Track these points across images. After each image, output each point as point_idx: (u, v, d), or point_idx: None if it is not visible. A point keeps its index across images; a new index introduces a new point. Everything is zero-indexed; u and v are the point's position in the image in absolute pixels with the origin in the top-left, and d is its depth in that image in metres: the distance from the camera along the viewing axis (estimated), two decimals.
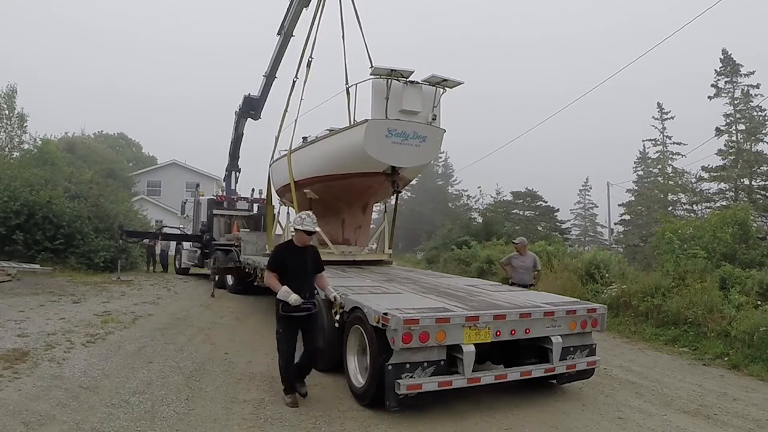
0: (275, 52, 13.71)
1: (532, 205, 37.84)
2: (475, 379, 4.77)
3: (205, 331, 8.28)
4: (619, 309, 9.99)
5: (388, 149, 7.74)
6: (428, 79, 7.92)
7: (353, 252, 9.89)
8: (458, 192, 48.24)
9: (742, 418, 5.10)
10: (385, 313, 4.57)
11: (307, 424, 4.50)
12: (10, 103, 26.22)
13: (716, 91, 28.94)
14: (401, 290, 6.46)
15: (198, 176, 34.84)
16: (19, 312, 8.77)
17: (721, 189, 28.23)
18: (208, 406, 4.81)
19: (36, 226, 15.58)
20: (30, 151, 25.43)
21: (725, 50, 28.87)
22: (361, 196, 9.55)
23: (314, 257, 5.24)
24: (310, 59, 10.31)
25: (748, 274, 9.53)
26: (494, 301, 5.74)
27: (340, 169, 8.66)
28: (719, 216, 13.89)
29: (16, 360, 5.85)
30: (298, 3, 11.82)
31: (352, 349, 5.37)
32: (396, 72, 7.53)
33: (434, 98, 8.06)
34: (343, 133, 8.54)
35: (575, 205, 51.57)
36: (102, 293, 11.86)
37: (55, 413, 4.41)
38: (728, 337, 7.67)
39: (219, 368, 6.11)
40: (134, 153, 49.67)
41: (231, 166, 18.23)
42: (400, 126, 7.70)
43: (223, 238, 15.52)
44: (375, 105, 7.67)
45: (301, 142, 10.11)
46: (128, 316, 9.05)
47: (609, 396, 5.70)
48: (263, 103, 15.54)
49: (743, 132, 27.97)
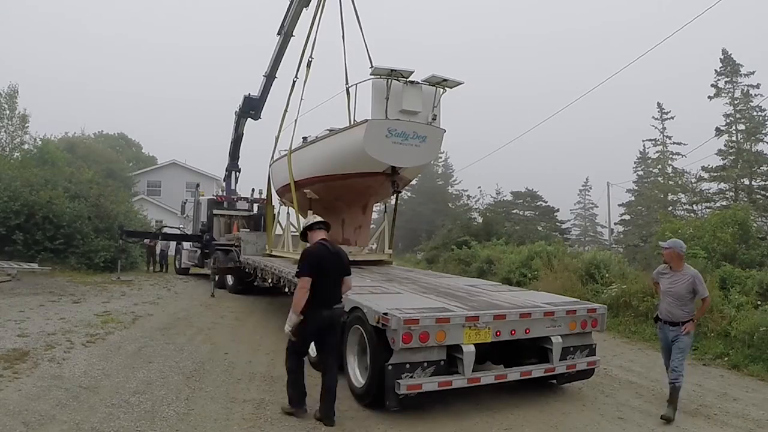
0: (275, 52, 13.73)
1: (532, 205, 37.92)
2: (475, 379, 4.77)
3: (205, 331, 8.29)
4: (619, 309, 9.98)
5: (388, 149, 7.74)
6: (428, 79, 7.92)
7: (353, 252, 9.87)
8: (458, 192, 48.25)
9: (742, 418, 5.10)
10: (385, 313, 4.57)
11: (307, 424, 4.49)
12: (11, 103, 26.27)
13: (716, 91, 28.94)
14: (401, 290, 6.46)
15: (198, 176, 34.80)
16: (19, 312, 8.77)
17: (721, 189, 28.23)
18: (208, 406, 4.81)
19: (36, 226, 15.60)
20: (30, 151, 25.46)
21: (725, 50, 28.90)
22: (361, 196, 9.55)
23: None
24: (310, 59, 10.33)
25: (748, 274, 9.53)
26: (494, 301, 5.73)
27: (340, 169, 8.66)
28: (719, 216, 13.89)
29: (16, 360, 5.86)
30: (298, 3, 11.83)
31: (352, 349, 5.37)
32: (396, 72, 7.53)
33: (434, 98, 8.06)
34: (343, 133, 8.54)
35: (575, 205, 51.74)
36: (102, 293, 11.87)
37: (55, 413, 4.41)
38: (728, 337, 7.67)
39: (219, 368, 6.11)
40: (134, 153, 49.63)
41: (231, 166, 18.23)
42: (400, 126, 7.70)
43: (223, 238, 15.53)
44: (375, 105, 7.67)
45: (301, 142, 10.12)
46: (128, 316, 9.06)
47: (609, 396, 5.70)
48: (263, 104, 15.55)
49: (743, 132, 27.97)
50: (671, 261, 5.19)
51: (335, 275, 4.64)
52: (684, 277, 5.06)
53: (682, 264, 5.18)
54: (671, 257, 5.18)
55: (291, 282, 7.91)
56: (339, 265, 4.69)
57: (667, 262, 5.25)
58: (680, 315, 5.05)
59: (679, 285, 5.06)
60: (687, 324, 5.03)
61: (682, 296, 5.04)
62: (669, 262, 5.21)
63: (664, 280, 5.22)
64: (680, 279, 5.07)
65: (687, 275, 5.07)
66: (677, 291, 5.06)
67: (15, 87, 26.47)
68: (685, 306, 5.06)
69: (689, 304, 5.08)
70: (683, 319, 5.04)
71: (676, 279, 5.11)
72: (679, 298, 5.05)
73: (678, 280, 5.09)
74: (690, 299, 5.07)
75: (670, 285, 5.13)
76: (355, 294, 5.58)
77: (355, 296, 5.44)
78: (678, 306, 5.06)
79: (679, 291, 5.05)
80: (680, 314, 5.05)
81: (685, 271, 5.11)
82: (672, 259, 5.18)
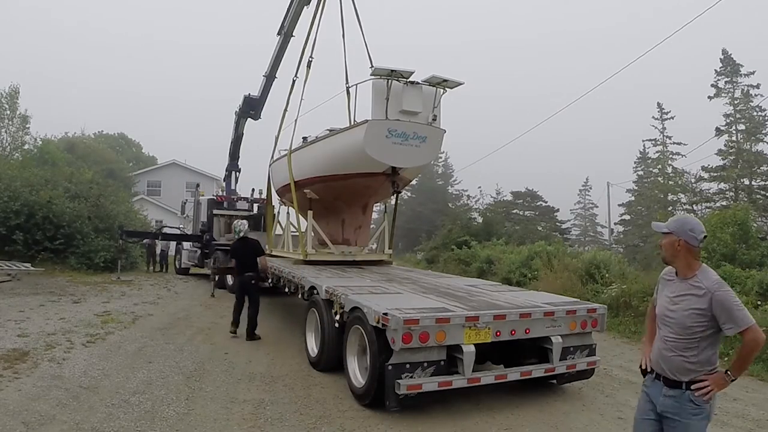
0: (275, 52, 13.72)
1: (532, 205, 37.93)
2: (475, 379, 4.76)
3: (205, 331, 8.29)
4: (619, 309, 9.98)
5: (389, 149, 7.74)
6: (428, 79, 7.92)
7: (353, 252, 9.90)
8: (458, 192, 48.27)
9: (742, 418, 5.10)
10: (385, 313, 4.57)
11: (308, 424, 4.49)
12: (12, 103, 26.27)
13: (716, 91, 28.98)
14: (401, 290, 6.45)
15: (198, 176, 34.81)
16: (19, 312, 8.78)
17: (721, 189, 28.26)
18: (207, 406, 4.81)
19: (36, 226, 15.60)
20: (30, 151, 25.47)
21: (725, 50, 28.95)
22: (362, 196, 9.55)
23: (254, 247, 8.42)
24: (310, 59, 10.33)
25: (748, 275, 9.54)
26: (494, 301, 5.73)
27: (341, 169, 8.66)
28: (719, 216, 13.87)
29: (16, 360, 5.86)
30: (299, 2, 11.83)
31: (352, 349, 5.38)
32: (396, 72, 7.54)
33: (434, 99, 8.06)
34: (343, 134, 8.54)
35: (575, 205, 51.76)
36: (102, 293, 11.87)
37: (55, 413, 4.41)
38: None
39: (219, 368, 6.12)
40: (134, 153, 49.70)
41: (231, 166, 18.23)
42: (400, 126, 7.70)
43: (223, 238, 15.52)
44: (375, 105, 7.67)
45: (302, 142, 10.12)
46: (128, 316, 9.06)
47: (609, 396, 5.69)
48: (263, 104, 15.54)
49: (743, 132, 28.01)
50: (672, 258, 2.67)
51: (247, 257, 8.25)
52: (694, 292, 2.56)
53: (695, 265, 2.63)
54: (672, 250, 2.66)
55: (291, 282, 7.93)
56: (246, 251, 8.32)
57: (667, 261, 2.73)
58: (682, 367, 2.59)
59: (683, 306, 2.59)
60: (701, 383, 2.54)
61: (687, 329, 2.57)
62: (669, 260, 2.70)
63: (663, 296, 2.75)
64: (687, 295, 2.58)
65: (701, 288, 2.54)
66: (679, 319, 2.60)
67: (16, 87, 26.53)
68: (690, 349, 2.57)
69: (703, 347, 2.56)
70: (687, 377, 2.58)
71: (680, 295, 2.62)
72: (680, 332, 2.59)
73: (682, 298, 2.60)
74: (704, 337, 2.55)
75: (669, 306, 2.67)
76: (355, 294, 5.59)
77: (355, 296, 5.44)
78: (679, 348, 2.60)
79: (681, 319, 2.59)
80: (682, 365, 2.59)
81: (700, 280, 2.57)
82: (673, 254, 2.66)
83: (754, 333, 2.49)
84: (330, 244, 9.76)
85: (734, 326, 2.50)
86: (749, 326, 2.49)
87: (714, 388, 2.56)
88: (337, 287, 5.98)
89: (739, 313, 2.49)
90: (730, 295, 2.52)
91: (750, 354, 2.58)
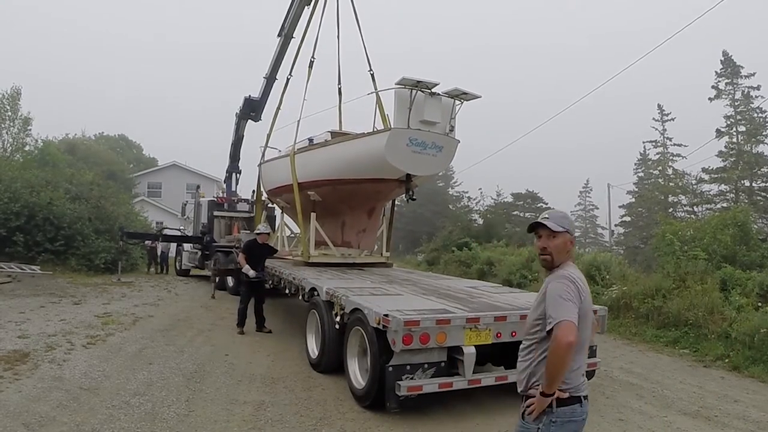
0: (275, 54, 13.74)
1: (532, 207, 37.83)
2: (475, 380, 4.76)
3: (205, 333, 8.29)
4: (619, 311, 9.98)
5: (407, 157, 7.83)
6: (449, 91, 8.02)
7: (352, 255, 9.92)
8: (459, 194, 48.21)
9: (742, 420, 5.09)
10: (386, 314, 4.58)
11: (308, 426, 4.49)
12: (14, 105, 26.24)
13: (717, 92, 29.03)
14: (402, 292, 6.46)
15: (198, 178, 34.82)
16: (19, 313, 8.79)
17: (722, 191, 28.28)
18: (208, 408, 4.81)
19: (36, 227, 15.61)
20: (31, 153, 25.47)
21: (726, 52, 29.00)
22: (368, 201, 9.57)
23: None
24: (312, 59, 10.41)
25: (748, 276, 9.53)
26: (495, 303, 5.73)
27: (354, 173, 8.67)
28: (719, 218, 13.86)
29: (16, 361, 5.86)
30: (299, 3, 11.87)
31: (352, 351, 5.38)
32: (422, 84, 7.62)
33: (452, 110, 8.16)
34: (362, 139, 8.56)
35: (576, 206, 51.81)
36: (102, 295, 11.88)
37: (56, 415, 4.41)
38: (729, 339, 7.67)
39: (219, 370, 6.12)
40: (135, 154, 49.66)
41: (231, 168, 18.22)
42: (420, 135, 7.80)
43: (223, 240, 15.51)
44: (398, 114, 7.76)
45: (308, 144, 10.09)
46: (129, 318, 9.06)
47: (609, 398, 5.69)
48: (264, 105, 15.53)
49: (744, 134, 28.03)
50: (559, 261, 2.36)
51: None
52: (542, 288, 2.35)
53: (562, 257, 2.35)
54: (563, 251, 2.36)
55: (291, 283, 7.93)
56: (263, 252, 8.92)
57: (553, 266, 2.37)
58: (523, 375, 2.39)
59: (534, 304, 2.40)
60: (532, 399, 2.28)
61: (528, 329, 2.42)
62: (556, 264, 2.36)
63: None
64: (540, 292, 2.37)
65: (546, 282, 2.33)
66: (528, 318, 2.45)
67: (18, 89, 26.46)
68: (530, 353, 2.36)
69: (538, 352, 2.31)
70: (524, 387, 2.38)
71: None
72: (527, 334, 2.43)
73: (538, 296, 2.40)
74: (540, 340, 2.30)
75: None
76: (356, 295, 5.60)
77: (356, 297, 5.45)
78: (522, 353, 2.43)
79: (529, 317, 2.45)
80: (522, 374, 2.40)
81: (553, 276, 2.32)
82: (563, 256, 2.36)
83: (563, 331, 2.06)
84: (331, 246, 9.77)
85: (550, 320, 2.12)
86: (557, 322, 2.08)
87: (538, 404, 2.18)
88: (338, 288, 5.99)
89: (554, 305, 2.12)
90: (562, 286, 2.16)
91: (552, 356, 2.09)
